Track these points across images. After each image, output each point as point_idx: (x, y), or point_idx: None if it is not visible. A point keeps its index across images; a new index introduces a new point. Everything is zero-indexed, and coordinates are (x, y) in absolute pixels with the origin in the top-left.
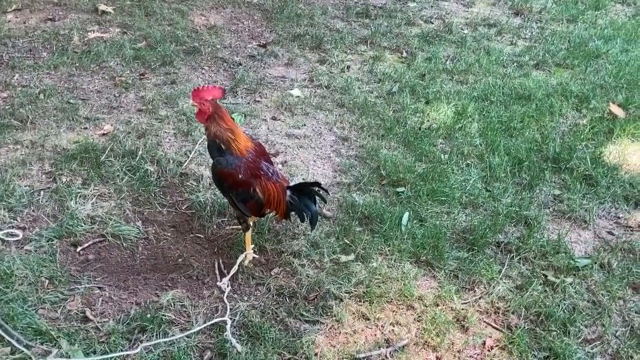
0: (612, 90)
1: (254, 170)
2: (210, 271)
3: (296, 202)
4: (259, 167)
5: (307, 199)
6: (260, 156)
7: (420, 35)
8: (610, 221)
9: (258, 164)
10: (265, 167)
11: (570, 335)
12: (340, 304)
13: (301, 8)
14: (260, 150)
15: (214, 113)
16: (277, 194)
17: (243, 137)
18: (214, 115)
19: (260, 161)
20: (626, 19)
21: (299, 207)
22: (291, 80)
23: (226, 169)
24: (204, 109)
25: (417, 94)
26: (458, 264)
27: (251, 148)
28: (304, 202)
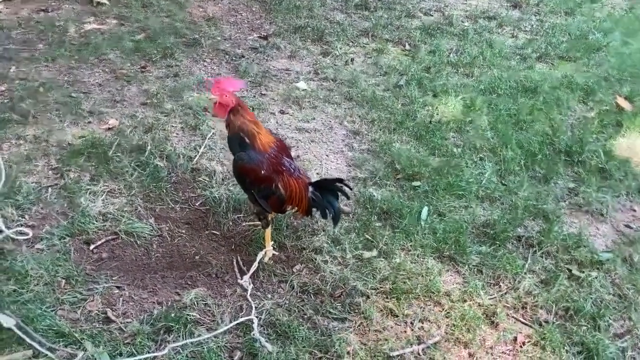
0: (617, 83)
1: (276, 166)
2: (229, 269)
3: (319, 198)
4: (281, 163)
5: (330, 196)
6: (282, 151)
7: (421, 27)
8: (627, 214)
9: (280, 160)
10: (287, 162)
11: (601, 329)
12: (367, 301)
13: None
14: (281, 145)
15: (237, 105)
16: (299, 190)
17: (265, 131)
18: (237, 107)
19: (282, 157)
20: (623, 12)
21: (322, 204)
22: (296, 73)
23: (249, 165)
24: (226, 101)
25: (424, 87)
26: (481, 258)
27: (273, 143)
28: (327, 199)
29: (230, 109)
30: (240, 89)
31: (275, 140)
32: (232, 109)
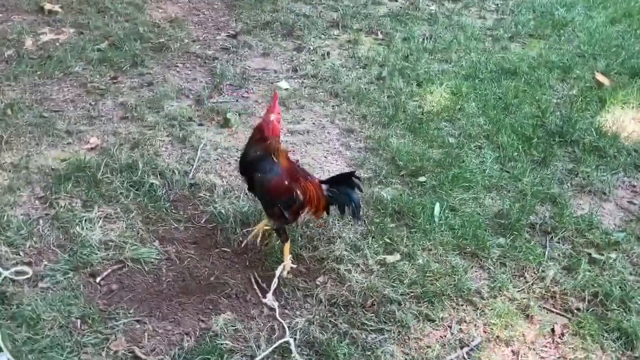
0: (591, 59)
1: (292, 173)
2: (248, 287)
3: (336, 194)
4: (295, 169)
5: (347, 188)
6: (287, 158)
7: (389, 14)
8: (627, 190)
9: (293, 166)
10: (297, 167)
11: (632, 312)
12: (400, 308)
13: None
14: (285, 153)
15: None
16: (315, 191)
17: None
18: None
19: (292, 162)
20: None
21: (340, 198)
22: (274, 72)
23: (274, 181)
24: (279, 119)
25: (407, 76)
26: (502, 251)
27: (285, 154)
28: (344, 192)
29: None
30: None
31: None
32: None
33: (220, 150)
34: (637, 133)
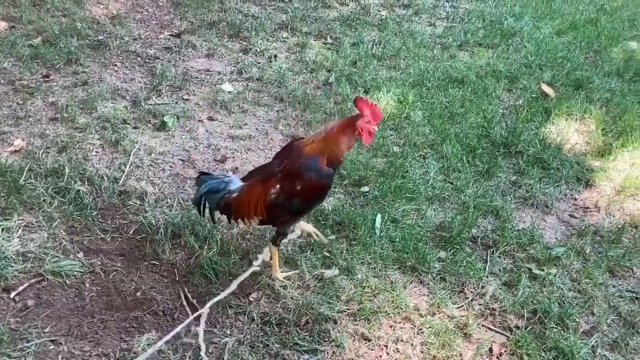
0: (538, 69)
1: None
2: (177, 303)
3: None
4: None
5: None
6: None
7: (339, 18)
8: (569, 203)
9: None
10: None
11: (570, 329)
12: (336, 326)
13: None
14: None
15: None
16: None
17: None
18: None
19: None
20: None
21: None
22: (218, 74)
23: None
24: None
25: (355, 83)
26: (442, 265)
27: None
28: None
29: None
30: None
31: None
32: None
33: (155, 155)
34: (580, 145)
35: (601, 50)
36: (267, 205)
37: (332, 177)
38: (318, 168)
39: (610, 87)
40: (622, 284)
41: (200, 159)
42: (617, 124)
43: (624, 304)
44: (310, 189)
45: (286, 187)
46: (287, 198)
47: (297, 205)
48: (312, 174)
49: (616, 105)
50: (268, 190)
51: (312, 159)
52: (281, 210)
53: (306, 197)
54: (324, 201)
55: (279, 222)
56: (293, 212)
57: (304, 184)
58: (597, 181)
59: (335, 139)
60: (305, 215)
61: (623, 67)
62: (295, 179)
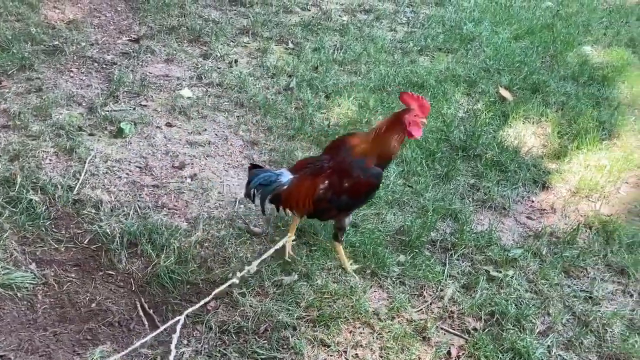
0: (496, 73)
1: None
2: (133, 314)
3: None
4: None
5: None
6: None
7: (300, 23)
8: (526, 205)
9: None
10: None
11: (526, 330)
12: (295, 333)
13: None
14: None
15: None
16: None
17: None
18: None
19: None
20: (487, 1)
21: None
22: (177, 79)
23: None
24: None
25: (316, 88)
26: (402, 269)
27: None
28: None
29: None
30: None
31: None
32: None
33: (111, 162)
34: (536, 148)
35: (557, 54)
36: (315, 199)
37: (380, 176)
38: (367, 167)
39: (565, 90)
40: (576, 284)
41: (158, 166)
42: (572, 127)
43: (578, 303)
44: (359, 186)
45: (335, 183)
46: (335, 194)
47: (344, 202)
48: (361, 173)
49: (571, 109)
50: (317, 185)
51: (361, 159)
52: (328, 205)
53: (354, 195)
54: (372, 199)
55: (326, 216)
56: (341, 209)
57: (352, 181)
58: (553, 183)
59: (384, 138)
60: (353, 212)
61: (578, 71)
62: (344, 176)
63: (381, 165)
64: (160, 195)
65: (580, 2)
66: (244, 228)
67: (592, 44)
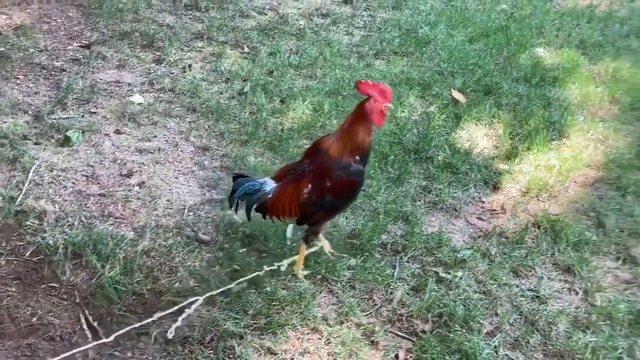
0: (449, 76)
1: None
2: (76, 327)
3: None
4: None
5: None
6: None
7: (257, 28)
8: (477, 206)
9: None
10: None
11: (474, 331)
12: (242, 342)
13: (122, 1)
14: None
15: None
16: None
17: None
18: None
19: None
20: (443, 5)
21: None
22: (128, 85)
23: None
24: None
25: (270, 92)
26: (352, 273)
27: None
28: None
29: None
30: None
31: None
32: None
33: (56, 172)
34: (488, 149)
35: (510, 56)
36: (300, 204)
37: (362, 173)
38: (347, 166)
39: (518, 92)
40: (524, 284)
41: (105, 174)
42: (523, 128)
43: (525, 303)
44: (341, 186)
45: (317, 186)
46: (320, 196)
47: (329, 203)
48: (342, 172)
49: (523, 110)
50: (301, 190)
51: (339, 158)
52: (314, 208)
53: (338, 194)
54: (357, 198)
55: (313, 220)
56: (327, 210)
57: (334, 181)
58: (503, 184)
59: (351, 132)
60: (340, 214)
61: (530, 73)
62: (326, 178)
63: (360, 161)
64: (107, 205)
65: (533, 5)
66: (192, 236)
67: (544, 46)
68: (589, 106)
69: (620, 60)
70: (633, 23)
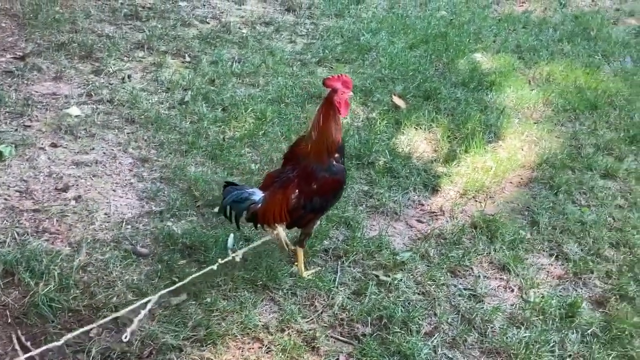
0: (390, 82)
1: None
2: (7, 348)
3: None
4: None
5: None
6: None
7: (199, 36)
8: (417, 209)
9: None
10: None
11: (413, 332)
12: (181, 355)
13: (59, 12)
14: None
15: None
16: None
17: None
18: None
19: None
20: (384, 12)
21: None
22: (65, 97)
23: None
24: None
25: (212, 101)
26: (294, 280)
27: None
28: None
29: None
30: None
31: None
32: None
33: None
34: (427, 153)
35: (449, 62)
36: (290, 210)
37: (344, 172)
38: (329, 166)
39: (456, 96)
40: (462, 283)
41: (40, 189)
42: (461, 131)
43: (463, 302)
44: (327, 186)
45: (304, 190)
46: (308, 199)
47: (317, 204)
48: (326, 173)
49: (460, 114)
50: (289, 196)
51: (320, 160)
52: (304, 211)
53: (325, 194)
54: (341, 196)
55: (303, 222)
56: (316, 211)
57: (319, 183)
58: (442, 186)
59: (325, 130)
60: (326, 213)
61: (468, 78)
62: (312, 180)
63: (339, 158)
64: (42, 220)
65: (472, 11)
66: (130, 249)
67: (482, 51)
68: (524, 109)
69: (554, 64)
70: (565, 28)
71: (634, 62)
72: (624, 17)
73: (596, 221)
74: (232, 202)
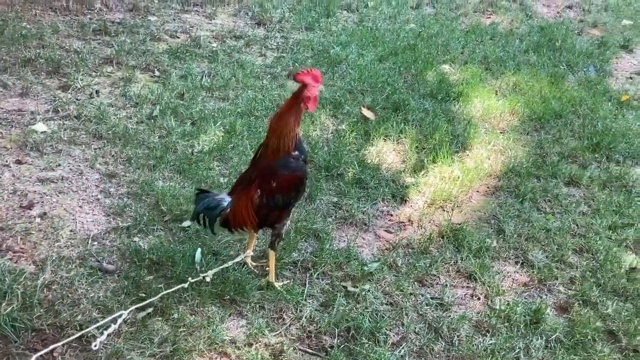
0: (359, 94)
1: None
2: None
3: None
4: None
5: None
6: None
7: (168, 51)
8: (385, 220)
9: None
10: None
11: (380, 342)
12: None
13: (26, 27)
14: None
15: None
16: None
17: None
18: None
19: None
20: (354, 25)
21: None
22: (31, 114)
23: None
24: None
25: (181, 115)
26: (262, 293)
27: None
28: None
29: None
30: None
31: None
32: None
33: None
34: (395, 164)
35: (418, 74)
36: (255, 209)
37: (303, 167)
38: (287, 164)
39: (424, 107)
40: (429, 292)
41: (4, 207)
42: (429, 142)
43: (430, 311)
44: (287, 182)
45: (266, 189)
46: (270, 197)
47: (280, 201)
48: (285, 171)
49: (428, 125)
50: (252, 197)
51: (277, 157)
52: (268, 209)
53: (286, 191)
54: (305, 191)
55: (271, 220)
56: (280, 208)
57: (279, 181)
58: (410, 196)
59: (281, 126)
60: (293, 208)
61: (436, 89)
62: (271, 179)
63: (298, 153)
64: (5, 239)
65: (440, 24)
66: (96, 266)
67: (450, 62)
68: (491, 118)
69: (520, 74)
70: (531, 39)
71: (597, 72)
72: (588, 28)
73: (560, 228)
74: (204, 209)
